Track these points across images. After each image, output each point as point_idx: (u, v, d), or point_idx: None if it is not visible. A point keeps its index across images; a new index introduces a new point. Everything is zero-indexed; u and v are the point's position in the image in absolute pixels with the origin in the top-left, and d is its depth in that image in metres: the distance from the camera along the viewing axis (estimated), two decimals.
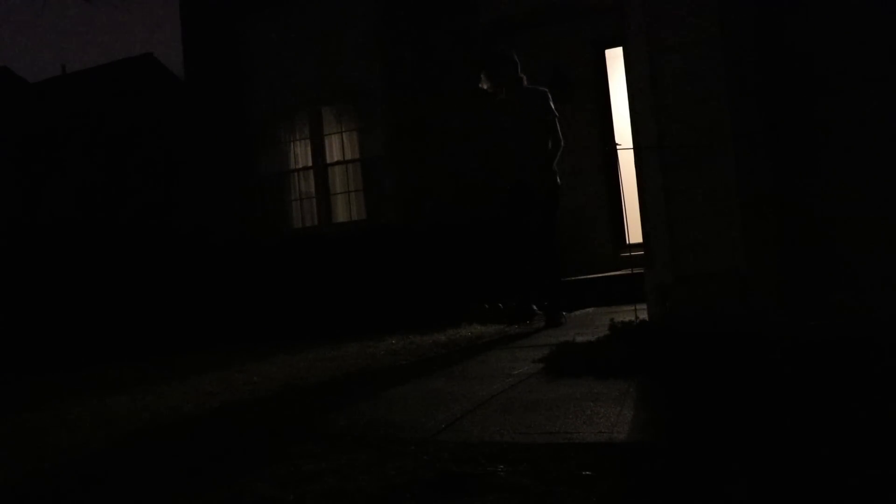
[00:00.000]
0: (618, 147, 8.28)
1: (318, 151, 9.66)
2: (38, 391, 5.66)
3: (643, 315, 4.56)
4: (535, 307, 7.43)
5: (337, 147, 9.64)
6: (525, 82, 6.44)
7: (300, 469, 2.59)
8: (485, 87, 6.63)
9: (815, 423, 2.61)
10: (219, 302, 9.36)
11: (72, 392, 5.08)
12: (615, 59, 8.77)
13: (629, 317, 4.60)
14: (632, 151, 4.54)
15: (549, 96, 6.31)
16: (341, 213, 9.67)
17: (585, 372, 3.71)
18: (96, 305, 9.99)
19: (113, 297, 10.07)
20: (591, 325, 5.68)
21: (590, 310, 7.16)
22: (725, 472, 2.23)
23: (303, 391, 4.22)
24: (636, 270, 4.96)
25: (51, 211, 12.15)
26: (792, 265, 4.10)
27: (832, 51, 4.08)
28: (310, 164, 9.72)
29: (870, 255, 4.00)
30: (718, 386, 3.22)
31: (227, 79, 10.01)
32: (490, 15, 8.62)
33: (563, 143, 6.36)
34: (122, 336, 8.79)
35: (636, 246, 7.25)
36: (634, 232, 7.36)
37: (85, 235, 11.10)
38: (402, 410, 3.37)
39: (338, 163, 9.62)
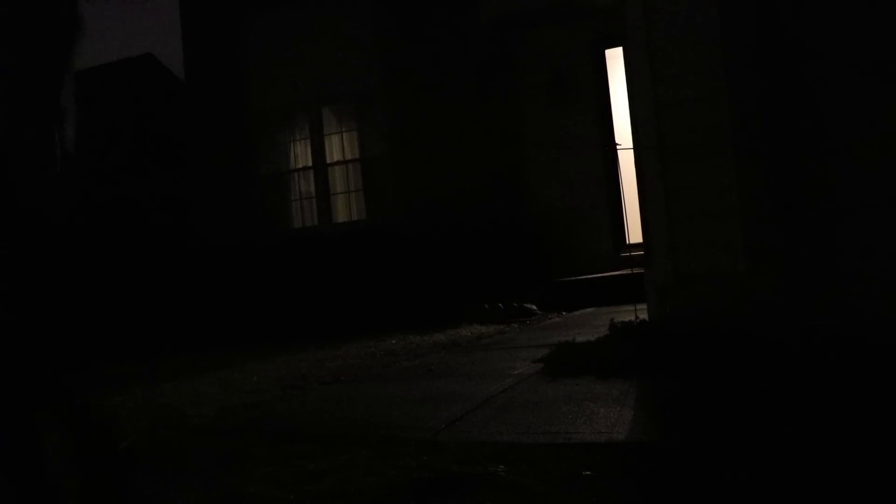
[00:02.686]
0: (618, 147, 8.28)
1: (318, 151, 9.66)
2: None
3: (643, 315, 4.56)
4: (534, 306, 7.43)
5: (337, 147, 9.65)
6: None
7: (300, 469, 2.59)
8: None
9: (813, 423, 2.61)
10: (218, 302, 9.36)
11: None
12: (615, 59, 8.77)
13: (629, 317, 4.60)
14: (632, 151, 4.54)
15: None
16: (341, 213, 9.67)
17: (585, 372, 3.71)
18: (95, 305, 9.98)
19: (112, 296, 10.07)
20: (591, 325, 5.68)
21: (590, 310, 7.16)
22: (725, 471, 2.23)
23: (303, 391, 4.22)
24: (636, 270, 4.97)
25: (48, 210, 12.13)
26: (793, 265, 4.10)
27: (833, 49, 4.07)
28: (310, 164, 9.72)
29: (872, 255, 4.00)
30: (718, 386, 3.22)
31: (227, 79, 10.00)
32: (490, 15, 8.60)
33: None
34: (120, 335, 8.79)
35: (636, 246, 7.27)
36: (634, 232, 7.37)
37: (83, 235, 11.09)
38: (402, 410, 3.37)
39: (338, 163, 9.62)
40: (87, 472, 2.02)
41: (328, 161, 9.64)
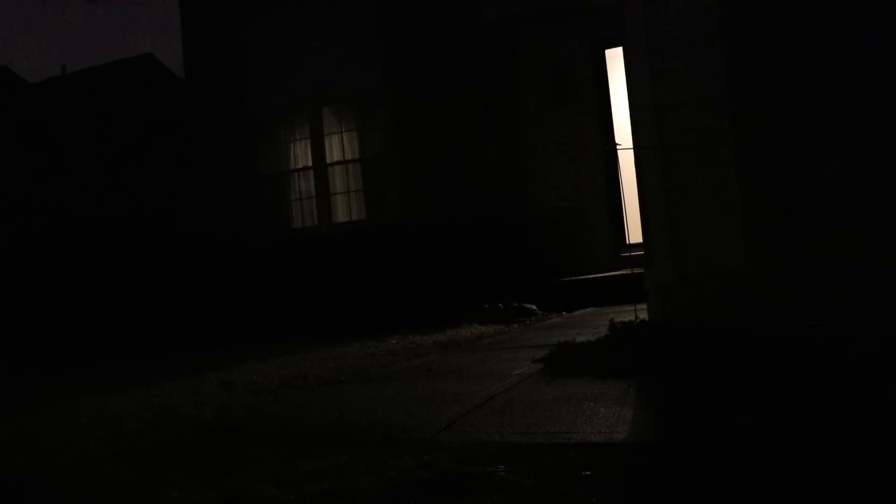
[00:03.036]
0: (618, 147, 8.27)
1: (318, 151, 9.66)
2: (45, 389, 5.66)
3: (643, 315, 4.56)
4: (534, 306, 7.43)
5: (337, 147, 9.64)
6: None
7: (300, 469, 2.59)
8: None
9: (813, 422, 2.61)
10: (218, 302, 9.35)
11: (73, 391, 5.08)
12: (615, 59, 8.77)
13: (629, 317, 4.60)
14: (632, 151, 4.54)
15: None
16: (341, 213, 9.67)
17: (585, 372, 3.70)
18: (95, 305, 9.98)
19: (112, 296, 10.06)
20: (591, 325, 5.68)
21: (590, 310, 7.15)
22: (725, 471, 2.23)
23: (303, 391, 4.22)
24: (636, 270, 4.97)
25: (49, 210, 12.15)
26: (792, 264, 4.10)
27: (833, 50, 4.07)
28: (310, 164, 9.72)
29: (869, 254, 4.00)
30: (718, 386, 3.22)
31: (227, 79, 10.01)
32: (490, 15, 8.61)
33: None
34: (121, 335, 8.78)
35: (636, 246, 7.25)
36: (634, 232, 7.35)
37: (83, 235, 11.09)
38: (402, 410, 3.37)
39: (338, 163, 9.62)
40: None
41: (328, 161, 9.64)
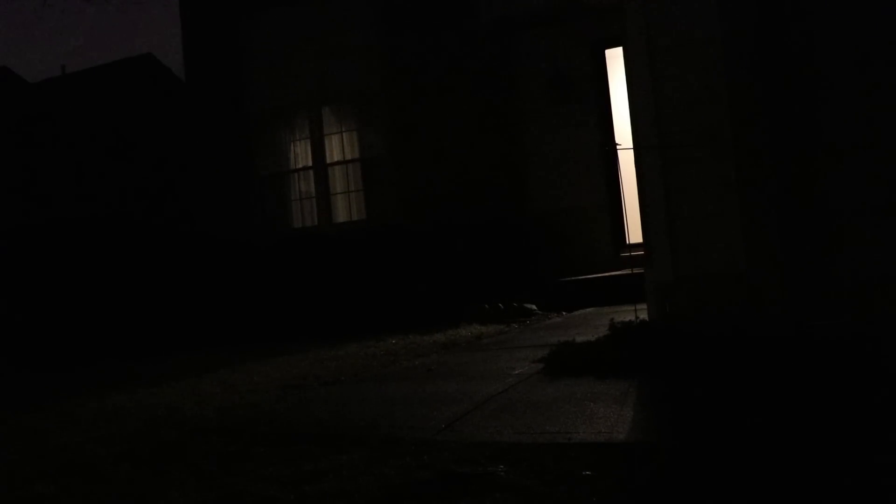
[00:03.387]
0: (618, 147, 8.27)
1: (318, 151, 9.67)
2: (46, 389, 5.66)
3: (643, 315, 4.56)
4: (534, 306, 7.43)
5: (337, 147, 9.65)
6: None
7: (300, 469, 2.59)
8: None
9: (812, 422, 2.61)
10: (218, 302, 9.35)
11: (73, 391, 5.08)
12: (615, 59, 8.77)
13: (629, 317, 4.60)
14: (632, 151, 4.54)
15: None
16: (341, 213, 9.68)
17: (585, 372, 3.71)
18: (94, 305, 9.98)
19: (111, 296, 10.06)
20: (591, 325, 5.68)
21: (590, 310, 7.16)
22: (725, 471, 2.23)
23: (303, 391, 4.22)
24: (636, 270, 4.96)
25: (49, 210, 12.15)
26: (793, 264, 4.10)
27: (832, 50, 4.07)
28: (310, 164, 9.72)
29: (870, 253, 4.00)
30: (718, 386, 3.22)
31: (227, 79, 10.01)
32: (490, 15, 8.62)
33: None
34: (120, 335, 8.78)
35: (636, 246, 7.26)
36: (634, 232, 7.36)
37: (83, 235, 11.09)
38: (402, 410, 3.37)
39: (338, 163, 9.62)
40: None
41: (328, 161, 9.65)
